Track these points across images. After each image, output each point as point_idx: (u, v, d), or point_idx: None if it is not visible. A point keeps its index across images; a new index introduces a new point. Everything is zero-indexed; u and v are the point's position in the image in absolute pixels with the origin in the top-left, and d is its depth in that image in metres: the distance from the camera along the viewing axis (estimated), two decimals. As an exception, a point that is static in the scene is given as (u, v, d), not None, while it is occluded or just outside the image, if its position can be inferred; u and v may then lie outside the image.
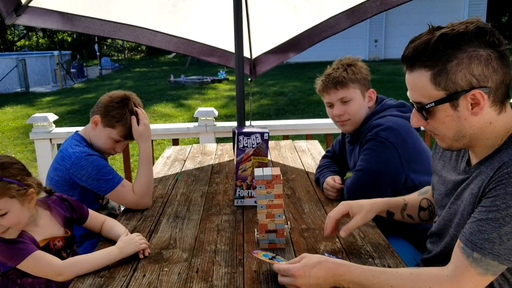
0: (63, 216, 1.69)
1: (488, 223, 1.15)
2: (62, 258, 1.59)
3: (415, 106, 1.27)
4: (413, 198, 1.70)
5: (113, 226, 1.74)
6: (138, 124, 2.09)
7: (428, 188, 1.71)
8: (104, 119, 2.06)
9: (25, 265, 1.47)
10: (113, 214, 2.16)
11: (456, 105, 1.20)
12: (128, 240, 1.58)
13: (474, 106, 1.19)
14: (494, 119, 1.21)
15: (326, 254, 1.48)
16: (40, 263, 1.47)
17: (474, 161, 1.31)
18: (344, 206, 1.63)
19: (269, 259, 1.40)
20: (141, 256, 1.56)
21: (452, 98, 1.19)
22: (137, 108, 2.11)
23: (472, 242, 1.16)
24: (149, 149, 2.12)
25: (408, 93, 1.29)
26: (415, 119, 1.29)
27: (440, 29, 1.20)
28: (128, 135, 2.10)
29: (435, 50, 1.17)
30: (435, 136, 1.31)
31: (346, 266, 1.31)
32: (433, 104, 1.21)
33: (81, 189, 1.98)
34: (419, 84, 1.22)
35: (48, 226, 1.60)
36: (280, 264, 1.34)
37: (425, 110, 1.24)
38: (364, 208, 1.61)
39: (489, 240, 1.14)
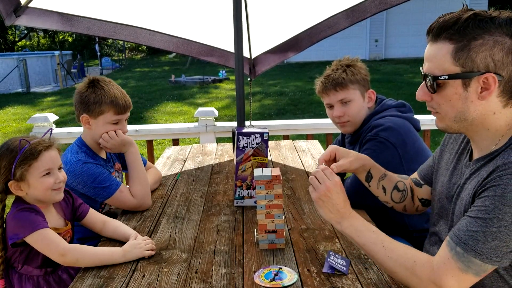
0: (64, 207, 1.71)
1: (476, 221, 1.16)
2: None
3: (426, 78, 1.27)
4: (392, 175, 1.71)
5: (118, 226, 1.74)
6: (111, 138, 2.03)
7: (406, 176, 1.73)
8: (90, 112, 2.01)
9: (33, 238, 1.50)
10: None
11: (468, 84, 1.20)
12: (134, 245, 1.58)
13: (484, 90, 1.20)
14: (498, 111, 1.22)
15: (331, 253, 1.48)
16: (48, 240, 1.51)
17: (475, 154, 1.32)
18: (331, 148, 1.62)
19: (272, 279, 1.38)
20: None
21: (466, 76, 1.20)
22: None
23: (457, 237, 1.18)
24: (135, 154, 2.09)
25: (424, 65, 1.29)
26: (422, 92, 1.30)
27: (472, 10, 1.21)
28: (121, 108, 2.03)
29: (465, 26, 1.18)
30: (435, 114, 1.31)
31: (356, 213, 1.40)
32: (446, 77, 1.22)
33: (79, 195, 1.97)
34: (439, 55, 1.23)
35: (49, 217, 1.61)
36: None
37: (436, 83, 1.24)
38: (351, 155, 1.63)
39: (473, 237, 1.15)
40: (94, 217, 1.77)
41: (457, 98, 1.23)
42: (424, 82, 1.29)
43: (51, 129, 1.72)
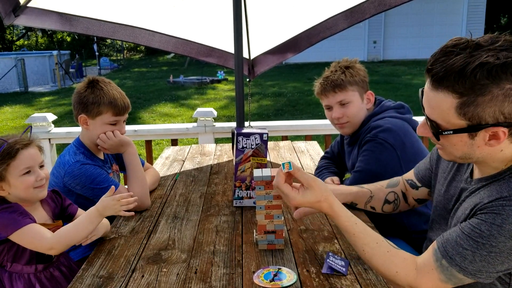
0: (53, 208, 1.70)
1: (468, 240, 1.14)
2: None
3: (428, 122, 1.19)
4: (380, 190, 1.71)
5: (103, 221, 1.72)
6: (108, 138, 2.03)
7: (397, 180, 1.71)
8: (88, 113, 2.00)
9: (17, 236, 1.49)
10: None
11: (474, 135, 1.14)
12: (108, 204, 1.57)
13: (492, 138, 1.13)
14: (506, 147, 1.16)
15: (330, 254, 1.48)
16: (32, 236, 1.50)
17: (476, 174, 1.29)
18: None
19: (271, 280, 1.39)
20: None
21: (473, 129, 1.12)
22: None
23: (445, 248, 1.17)
24: (133, 155, 2.09)
25: (424, 104, 1.20)
26: (423, 130, 1.24)
27: (480, 47, 1.08)
28: (120, 110, 2.03)
29: (471, 79, 1.06)
30: (439, 149, 1.27)
31: (340, 206, 1.34)
32: (451, 132, 1.15)
33: (77, 196, 1.98)
34: (442, 106, 1.13)
35: (36, 216, 1.60)
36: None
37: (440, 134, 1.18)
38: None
39: (461, 254, 1.14)
40: None
41: (463, 144, 1.17)
42: (425, 121, 1.21)
43: (30, 127, 1.72)
